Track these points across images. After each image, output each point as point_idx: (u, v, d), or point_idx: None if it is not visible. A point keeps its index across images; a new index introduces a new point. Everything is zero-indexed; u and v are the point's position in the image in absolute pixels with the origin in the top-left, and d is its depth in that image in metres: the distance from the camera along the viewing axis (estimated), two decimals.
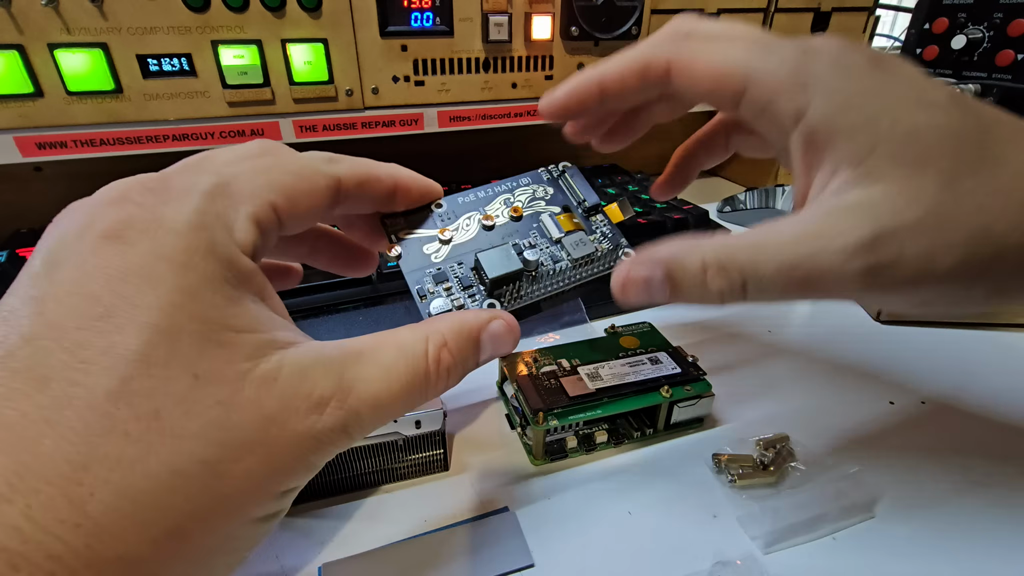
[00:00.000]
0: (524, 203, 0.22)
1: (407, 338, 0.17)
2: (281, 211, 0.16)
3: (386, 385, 0.16)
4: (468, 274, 0.20)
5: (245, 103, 0.38)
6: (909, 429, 0.28)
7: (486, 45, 0.42)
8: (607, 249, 0.21)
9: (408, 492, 0.24)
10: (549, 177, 0.23)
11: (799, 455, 0.25)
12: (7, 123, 0.34)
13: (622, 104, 0.22)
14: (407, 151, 0.56)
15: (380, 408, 0.16)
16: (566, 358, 0.28)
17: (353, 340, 0.16)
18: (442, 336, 0.17)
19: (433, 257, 0.20)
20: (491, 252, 0.20)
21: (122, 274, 0.13)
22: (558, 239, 0.21)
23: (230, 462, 0.13)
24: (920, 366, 0.32)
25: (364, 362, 0.16)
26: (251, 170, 0.16)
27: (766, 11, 0.50)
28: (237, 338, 0.14)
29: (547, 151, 0.63)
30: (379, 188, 0.19)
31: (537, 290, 0.20)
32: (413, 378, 0.16)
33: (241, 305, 0.14)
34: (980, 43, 0.53)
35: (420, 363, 0.16)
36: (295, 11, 0.36)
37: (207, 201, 0.15)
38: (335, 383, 0.15)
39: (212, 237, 0.14)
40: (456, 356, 0.17)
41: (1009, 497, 0.24)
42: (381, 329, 0.20)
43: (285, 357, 0.14)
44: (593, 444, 0.26)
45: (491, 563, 0.21)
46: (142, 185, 0.15)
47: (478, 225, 0.21)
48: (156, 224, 0.14)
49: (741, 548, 0.22)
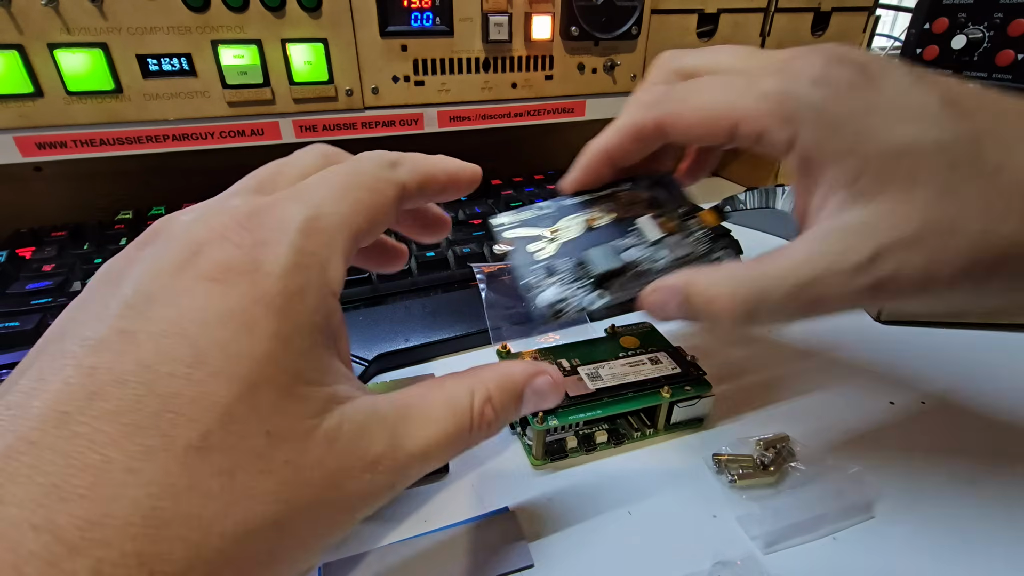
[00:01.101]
0: (624, 207, 0.24)
1: (454, 391, 0.17)
2: (361, 234, 0.16)
3: (434, 441, 0.16)
4: (575, 269, 0.22)
5: (245, 103, 0.38)
6: (909, 429, 0.28)
7: (486, 45, 0.42)
8: (703, 251, 0.23)
9: (408, 492, 0.24)
10: (647, 184, 0.25)
11: (799, 455, 0.25)
12: (7, 123, 0.34)
13: (635, 162, 0.23)
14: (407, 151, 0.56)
15: (426, 462, 0.16)
16: (566, 358, 0.28)
17: (403, 393, 0.16)
18: (487, 390, 0.17)
19: (538, 255, 0.22)
20: (596, 250, 0.22)
21: (220, 318, 0.12)
22: (657, 240, 0.23)
23: (295, 521, 0.13)
24: (920, 366, 0.32)
25: (413, 418, 0.16)
26: (332, 196, 0.15)
27: (766, 11, 0.50)
28: (308, 391, 0.13)
29: (547, 151, 0.63)
30: (435, 186, 0.19)
31: (641, 285, 0.21)
32: (458, 432, 0.16)
33: (320, 354, 0.14)
34: (980, 43, 0.53)
35: (465, 417, 0.16)
36: (295, 11, 0.37)
37: (303, 239, 0.14)
38: (388, 442, 0.15)
39: (308, 279, 0.14)
40: (499, 410, 0.17)
41: (1009, 497, 0.24)
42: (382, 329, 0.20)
43: (345, 414, 0.14)
44: (593, 444, 0.26)
45: (491, 563, 0.21)
46: (237, 223, 0.14)
47: (583, 226, 0.23)
48: (255, 267, 0.13)
49: (741, 548, 0.22)
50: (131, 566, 0.10)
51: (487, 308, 0.34)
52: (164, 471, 0.11)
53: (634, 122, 0.21)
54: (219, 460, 0.12)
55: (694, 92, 0.20)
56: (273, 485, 0.12)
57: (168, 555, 0.11)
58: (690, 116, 0.20)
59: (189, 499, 0.11)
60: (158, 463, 0.11)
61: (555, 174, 0.53)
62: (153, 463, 0.11)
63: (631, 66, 0.47)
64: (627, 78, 0.48)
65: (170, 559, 0.11)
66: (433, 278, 0.36)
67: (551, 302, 0.21)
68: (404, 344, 0.32)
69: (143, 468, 0.11)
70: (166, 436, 0.11)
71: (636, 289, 0.21)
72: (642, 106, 0.21)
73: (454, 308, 0.34)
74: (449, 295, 0.35)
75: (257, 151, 0.41)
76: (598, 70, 0.46)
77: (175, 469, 0.11)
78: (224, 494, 0.12)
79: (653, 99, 0.21)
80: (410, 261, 0.36)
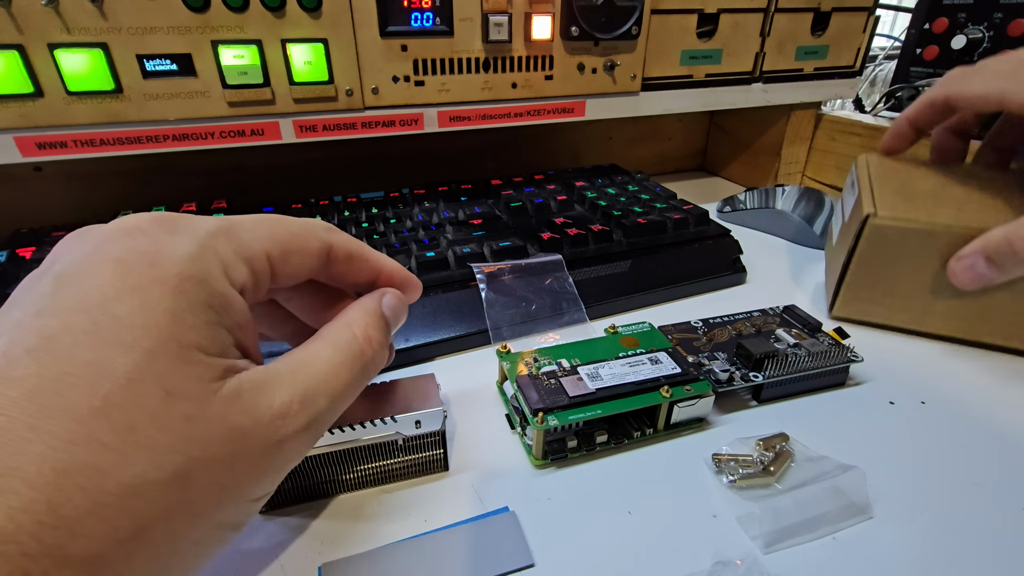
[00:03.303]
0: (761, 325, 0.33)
1: (333, 332, 0.19)
2: (274, 261, 0.18)
3: (332, 371, 0.18)
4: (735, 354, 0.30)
5: (245, 103, 0.38)
6: (909, 429, 0.28)
7: (486, 45, 0.42)
8: (835, 352, 0.30)
9: (408, 492, 0.24)
10: (778, 311, 0.34)
11: (799, 455, 0.25)
12: (7, 123, 0.34)
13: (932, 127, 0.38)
14: (407, 151, 0.56)
15: (335, 394, 0.18)
16: (566, 358, 0.28)
17: (292, 353, 0.18)
18: (358, 321, 0.20)
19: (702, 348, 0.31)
20: (751, 340, 0.30)
21: (118, 294, 0.14)
22: (795, 344, 0.30)
23: (198, 471, 0.14)
24: (920, 366, 0.32)
25: (307, 362, 0.18)
26: (253, 223, 0.18)
27: (766, 11, 0.50)
28: (206, 360, 0.15)
29: (547, 151, 0.63)
30: (364, 267, 0.22)
31: (786, 369, 0.29)
32: (354, 357, 0.19)
33: (217, 332, 0.16)
34: (980, 43, 0.53)
35: (355, 344, 0.19)
36: (295, 11, 0.36)
37: (209, 239, 0.16)
38: (290, 390, 0.16)
39: (206, 268, 0.16)
40: (376, 330, 0.20)
41: (1009, 497, 0.24)
42: None
43: (243, 378, 0.16)
44: (593, 444, 0.26)
45: (491, 563, 0.21)
46: (153, 219, 0.16)
47: (731, 334, 0.32)
48: (159, 252, 0.15)
49: (741, 548, 0.22)
50: (39, 511, 0.12)
51: (487, 308, 0.34)
52: (63, 428, 0.12)
53: (929, 96, 0.36)
54: (118, 417, 0.13)
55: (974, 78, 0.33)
56: (172, 439, 0.14)
57: (70, 501, 0.12)
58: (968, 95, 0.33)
59: (88, 451, 0.13)
60: (57, 421, 0.12)
61: (555, 174, 0.53)
62: (53, 421, 0.12)
63: (631, 66, 0.47)
64: (627, 78, 0.48)
65: (72, 504, 0.12)
66: (433, 278, 0.36)
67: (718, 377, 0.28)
68: (404, 344, 0.32)
69: (43, 425, 0.12)
70: (64, 397, 0.13)
71: (784, 373, 0.28)
72: (938, 86, 0.36)
73: (454, 308, 0.34)
74: (449, 295, 0.35)
75: (257, 151, 0.41)
76: (598, 70, 0.46)
77: (73, 426, 0.13)
78: (122, 447, 0.13)
79: (944, 83, 0.35)
80: (410, 261, 0.36)
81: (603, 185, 0.50)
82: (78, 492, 0.12)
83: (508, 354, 0.28)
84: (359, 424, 0.22)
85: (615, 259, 0.39)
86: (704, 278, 0.40)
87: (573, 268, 0.37)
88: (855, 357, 0.30)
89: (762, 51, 0.52)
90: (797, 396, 0.30)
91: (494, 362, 0.30)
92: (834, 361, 0.29)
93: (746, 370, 0.29)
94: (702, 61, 0.50)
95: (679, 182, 0.67)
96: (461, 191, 0.49)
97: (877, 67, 0.79)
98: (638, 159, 0.69)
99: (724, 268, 0.41)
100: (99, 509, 0.13)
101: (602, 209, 0.44)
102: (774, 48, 0.53)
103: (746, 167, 0.66)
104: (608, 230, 0.40)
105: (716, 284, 0.41)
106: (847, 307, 0.36)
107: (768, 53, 0.53)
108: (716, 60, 0.51)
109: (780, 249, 0.48)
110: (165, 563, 0.15)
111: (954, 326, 0.34)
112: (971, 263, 0.29)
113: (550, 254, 0.37)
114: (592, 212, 0.45)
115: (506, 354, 0.28)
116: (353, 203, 0.46)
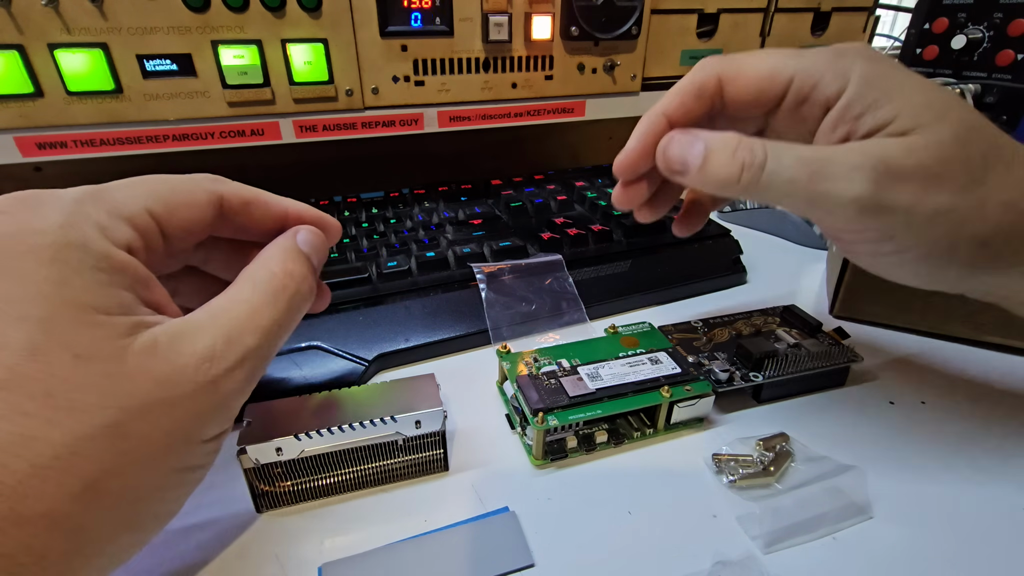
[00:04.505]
0: (760, 324, 0.33)
1: (252, 274, 0.19)
2: (159, 217, 0.18)
3: (256, 308, 0.18)
4: (735, 354, 0.30)
5: (245, 103, 0.38)
6: (909, 429, 0.28)
7: (486, 45, 0.42)
8: (835, 352, 0.30)
9: (408, 492, 0.24)
10: (779, 311, 0.34)
11: (799, 455, 0.25)
12: (7, 123, 0.34)
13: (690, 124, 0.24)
14: (407, 151, 0.56)
15: (264, 330, 0.18)
16: (566, 358, 0.28)
17: (213, 300, 0.18)
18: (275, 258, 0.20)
19: (702, 348, 0.31)
20: (751, 340, 0.30)
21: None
22: (795, 344, 0.30)
23: (133, 422, 0.15)
24: (920, 366, 0.32)
25: (228, 307, 0.18)
26: (126, 184, 0.19)
27: (766, 11, 0.50)
28: (110, 320, 0.15)
29: (547, 152, 0.63)
30: (266, 211, 0.22)
31: (786, 369, 0.29)
32: (277, 292, 0.19)
33: (113, 292, 0.16)
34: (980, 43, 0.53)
35: (275, 280, 0.19)
36: (295, 11, 0.37)
37: (76, 205, 0.16)
38: (213, 333, 0.17)
39: (82, 234, 0.16)
40: (295, 263, 0.20)
41: (1009, 497, 0.24)
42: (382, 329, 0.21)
43: (157, 330, 0.16)
44: (593, 444, 0.26)
45: (491, 563, 0.21)
46: (15, 198, 0.16)
47: (731, 334, 0.32)
48: (24, 228, 0.15)
49: (741, 548, 0.22)
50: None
51: (487, 308, 0.34)
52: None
53: (694, 79, 0.23)
54: (32, 386, 0.14)
55: (752, 56, 0.23)
56: (96, 397, 0.14)
57: (7, 467, 0.13)
58: (751, 71, 0.22)
59: (10, 423, 0.14)
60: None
61: (555, 174, 0.53)
62: None
63: (631, 66, 0.47)
64: (627, 78, 0.48)
65: (10, 470, 0.13)
66: (433, 278, 0.36)
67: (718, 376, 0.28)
68: (404, 344, 0.32)
69: None
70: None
71: (786, 373, 0.28)
72: (701, 68, 0.23)
73: (454, 308, 0.34)
74: (449, 295, 0.35)
75: (257, 151, 0.41)
76: (598, 70, 0.46)
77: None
78: (44, 411, 0.14)
79: (712, 62, 0.23)
80: (410, 261, 0.36)
81: (603, 185, 0.50)
82: (13, 459, 0.13)
83: (508, 354, 0.28)
84: (359, 424, 0.23)
85: (615, 259, 0.39)
86: (704, 278, 0.40)
87: (573, 268, 0.37)
88: (855, 357, 0.30)
89: None
90: (797, 396, 0.30)
91: (494, 362, 0.30)
92: (834, 361, 0.29)
93: (746, 370, 0.29)
94: None
95: None
96: (461, 191, 0.49)
97: None
98: None
99: (724, 268, 0.41)
100: (39, 471, 0.14)
101: (602, 209, 0.44)
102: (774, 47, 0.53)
103: None
104: (608, 230, 0.40)
105: (716, 284, 0.41)
106: (847, 307, 0.36)
107: None
108: None
109: (780, 249, 0.48)
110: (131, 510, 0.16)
111: (954, 326, 0.34)
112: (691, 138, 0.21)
113: (550, 254, 0.37)
114: (592, 212, 0.45)
115: (506, 354, 0.28)
116: (353, 203, 0.46)
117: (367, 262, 0.36)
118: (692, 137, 0.21)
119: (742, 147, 0.20)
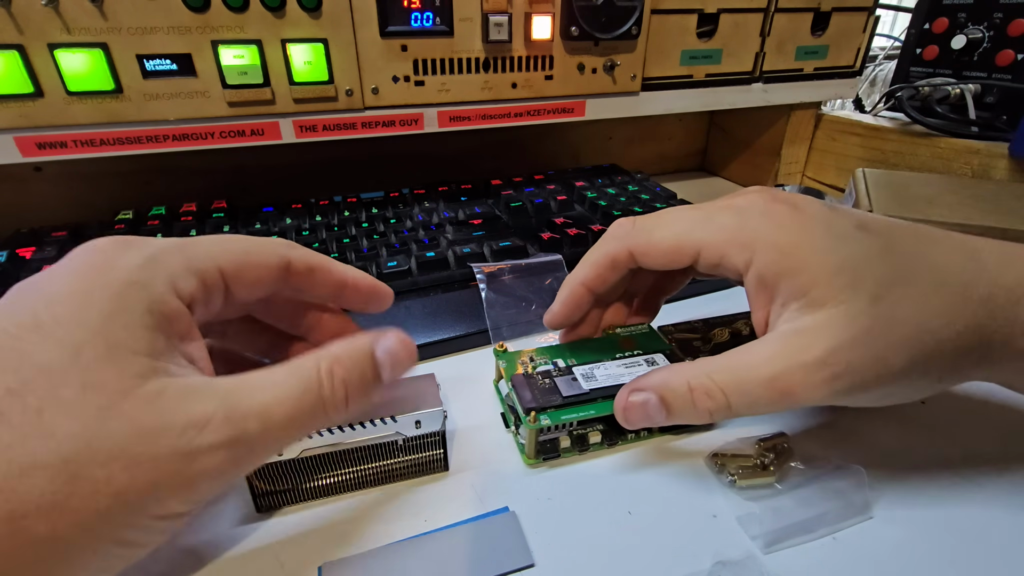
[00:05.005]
0: None
1: (299, 361, 0.18)
2: (228, 275, 0.19)
3: (274, 397, 0.17)
4: None
5: (245, 103, 0.38)
6: (909, 429, 0.28)
7: (486, 45, 0.42)
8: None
9: (408, 492, 0.24)
10: None
11: (799, 455, 0.25)
12: (7, 123, 0.34)
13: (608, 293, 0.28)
14: (407, 151, 0.56)
15: (270, 421, 0.17)
16: (562, 358, 0.28)
17: (250, 372, 0.18)
18: (333, 355, 0.19)
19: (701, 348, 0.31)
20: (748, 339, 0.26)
21: (63, 298, 0.16)
22: None
23: (92, 466, 0.14)
24: None
25: (253, 383, 0.17)
26: (209, 240, 0.20)
27: (766, 11, 0.50)
28: (132, 358, 0.15)
29: (547, 152, 0.63)
30: (327, 277, 0.23)
31: None
32: (305, 392, 0.18)
33: (152, 335, 0.16)
34: (980, 43, 0.53)
35: (311, 377, 0.18)
36: (295, 11, 0.37)
37: (160, 252, 0.18)
38: (219, 403, 0.16)
39: (152, 278, 0.17)
40: (350, 371, 0.19)
41: (1009, 497, 0.24)
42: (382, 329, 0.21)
43: (172, 382, 0.16)
44: (587, 444, 0.26)
45: (491, 563, 0.21)
46: (113, 240, 0.18)
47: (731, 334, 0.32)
48: (109, 265, 0.17)
49: (741, 548, 0.22)
50: None
51: (487, 308, 0.34)
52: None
53: (607, 252, 0.25)
54: (30, 400, 0.14)
55: (660, 224, 0.24)
56: (77, 428, 0.14)
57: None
58: (659, 244, 0.24)
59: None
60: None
61: (555, 174, 0.53)
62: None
63: (631, 66, 0.47)
64: (627, 78, 0.48)
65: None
66: (433, 278, 0.36)
67: None
68: None
69: None
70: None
71: None
72: (614, 238, 0.25)
73: (454, 308, 0.34)
74: (449, 295, 0.35)
75: (257, 151, 0.41)
76: (598, 70, 0.46)
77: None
78: (24, 426, 0.14)
79: (624, 232, 0.25)
80: (410, 261, 0.36)
81: (603, 185, 0.50)
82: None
83: (505, 353, 0.28)
84: (359, 424, 0.23)
85: None
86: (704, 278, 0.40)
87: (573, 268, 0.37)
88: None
89: (762, 51, 0.52)
90: None
91: (493, 362, 0.30)
92: None
93: None
94: (702, 61, 0.50)
95: (679, 182, 0.67)
96: (461, 191, 0.49)
97: (877, 67, 0.79)
98: (638, 159, 0.69)
99: None
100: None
101: (602, 209, 0.44)
102: (774, 48, 0.53)
103: (746, 167, 0.66)
104: None
105: (716, 284, 0.41)
106: None
107: (768, 53, 0.53)
108: (716, 60, 0.51)
109: None
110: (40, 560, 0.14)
111: None
112: (644, 399, 0.22)
113: (550, 254, 0.37)
114: (592, 212, 0.45)
115: (503, 353, 0.28)
116: (353, 203, 0.46)
117: (367, 262, 0.36)
118: (644, 396, 0.22)
119: (697, 395, 0.21)
